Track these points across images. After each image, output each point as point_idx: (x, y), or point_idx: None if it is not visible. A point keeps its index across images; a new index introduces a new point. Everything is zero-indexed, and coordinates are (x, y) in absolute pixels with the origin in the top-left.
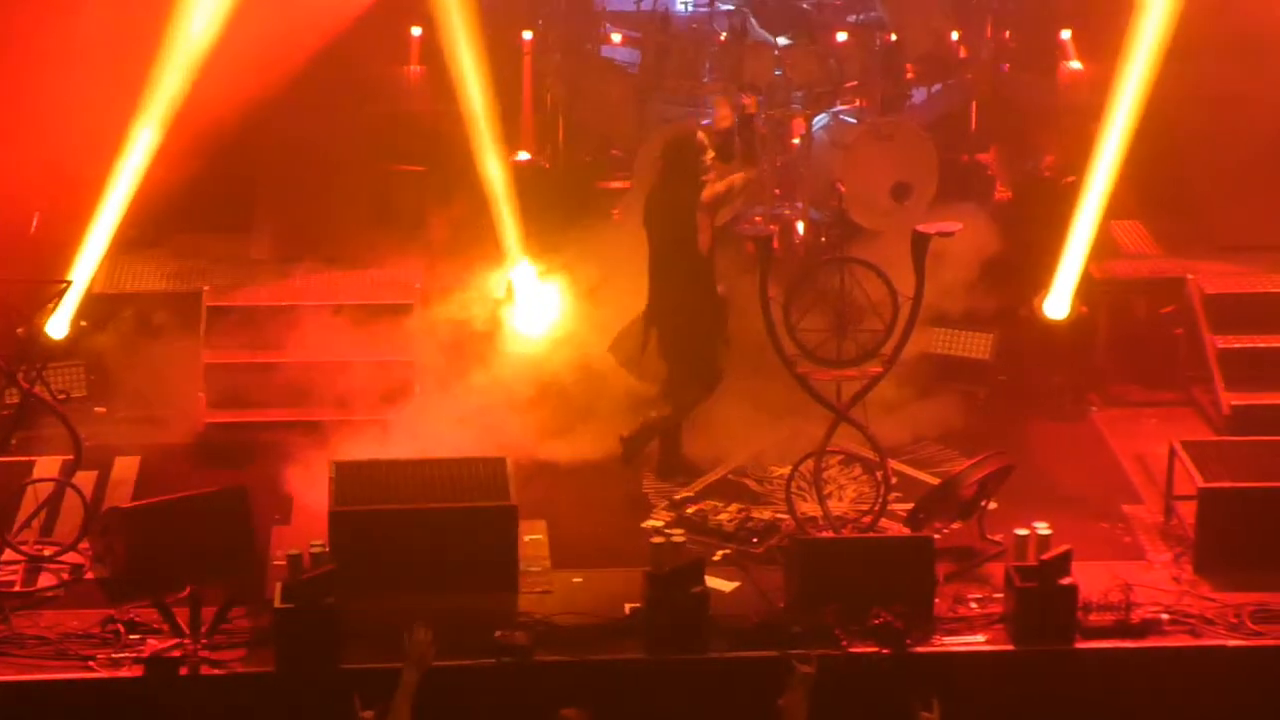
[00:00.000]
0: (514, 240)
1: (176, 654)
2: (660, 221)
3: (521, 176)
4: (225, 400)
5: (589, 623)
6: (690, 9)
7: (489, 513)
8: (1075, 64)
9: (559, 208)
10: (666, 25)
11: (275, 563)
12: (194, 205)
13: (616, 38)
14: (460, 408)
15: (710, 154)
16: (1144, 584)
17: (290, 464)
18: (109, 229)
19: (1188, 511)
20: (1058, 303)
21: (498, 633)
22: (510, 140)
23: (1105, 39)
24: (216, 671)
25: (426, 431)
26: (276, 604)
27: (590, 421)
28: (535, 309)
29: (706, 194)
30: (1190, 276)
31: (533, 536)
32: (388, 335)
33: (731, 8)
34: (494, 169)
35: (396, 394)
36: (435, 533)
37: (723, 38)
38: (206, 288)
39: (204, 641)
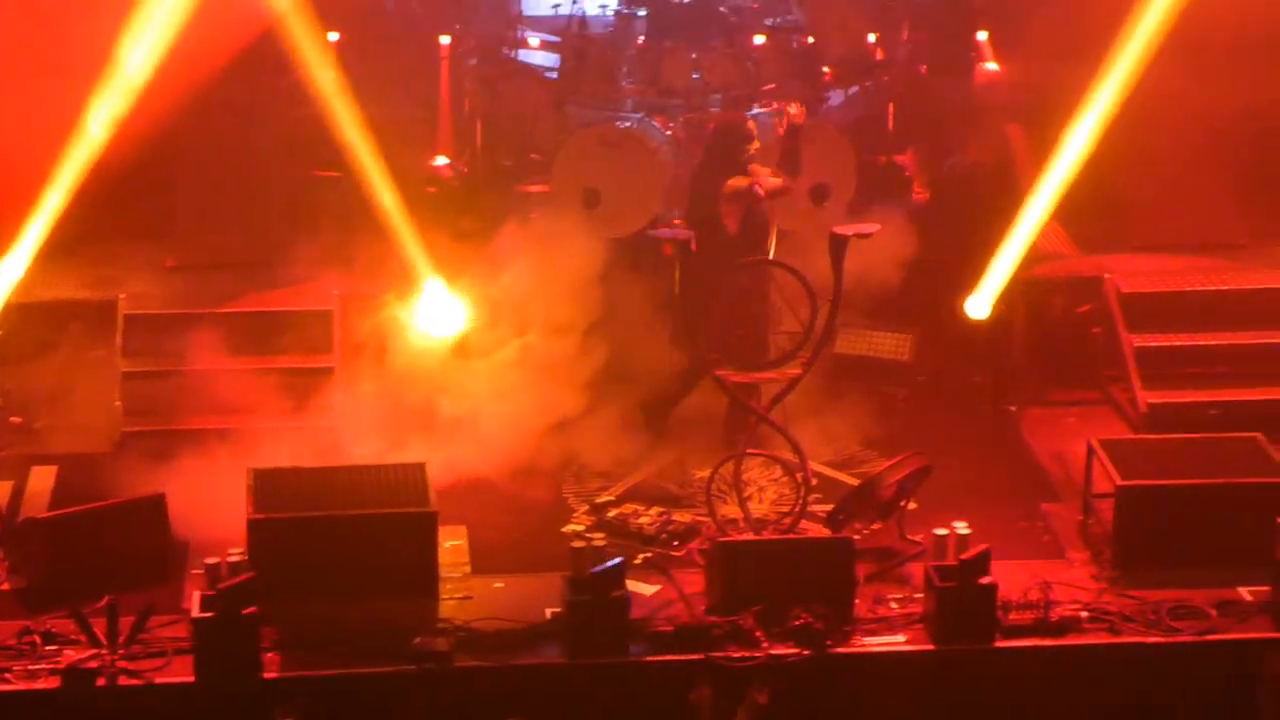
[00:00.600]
0: (417, 254)
1: (94, 665)
2: (695, 201)
3: (437, 183)
4: (142, 409)
5: (510, 628)
6: (608, 11)
7: (409, 518)
8: (991, 65)
9: (475, 213)
10: (584, 30)
11: (194, 571)
12: (109, 212)
13: (534, 42)
14: (378, 415)
15: (755, 145)
16: (1063, 582)
17: (208, 472)
18: (29, 240)
19: (1106, 509)
20: (979, 303)
21: (418, 639)
22: (428, 144)
23: (1021, 40)
24: (134, 682)
25: (345, 438)
26: (195, 613)
27: (510, 428)
28: (443, 319)
29: (728, 185)
30: (1107, 276)
31: (453, 542)
32: (306, 342)
33: (645, 13)
34: (382, 184)
35: (316, 401)
36: (355, 539)
37: (640, 41)
38: (122, 296)
39: (122, 652)
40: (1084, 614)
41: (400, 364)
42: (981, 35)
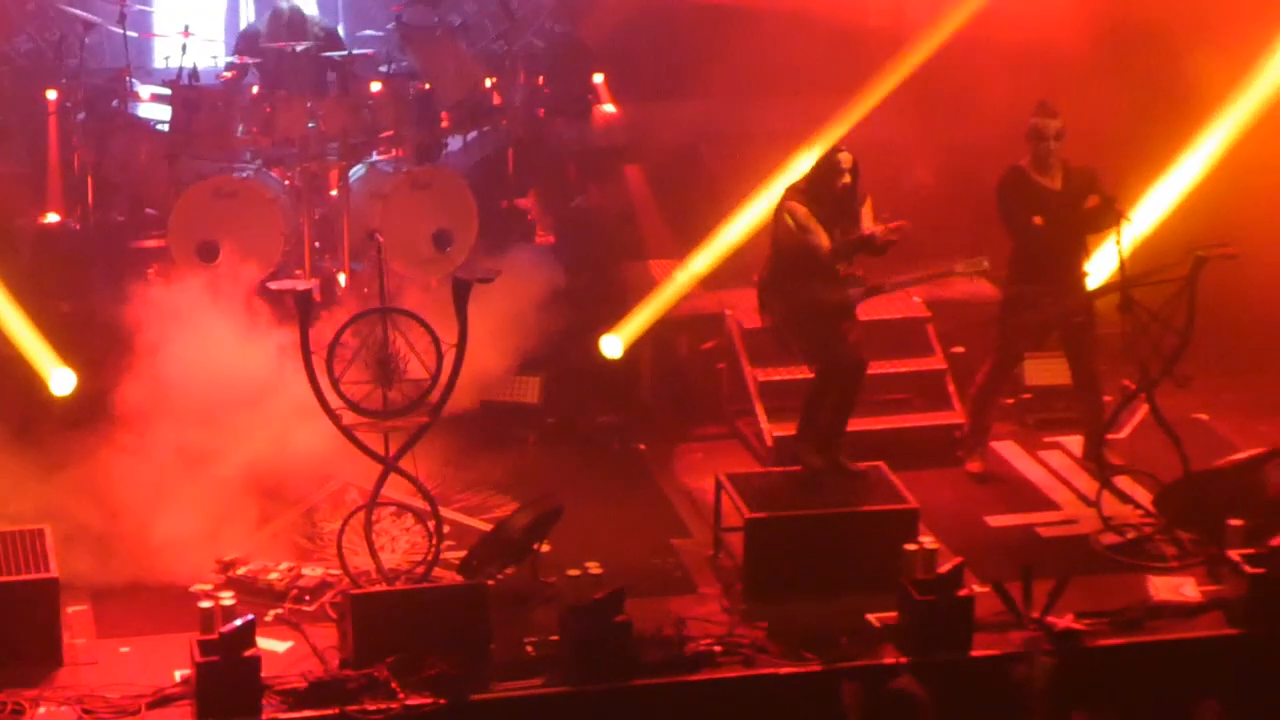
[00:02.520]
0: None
1: None
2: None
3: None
4: None
5: (137, 693)
6: (220, 63)
7: (29, 586)
8: (609, 107)
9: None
10: (195, 81)
11: None
12: None
13: (145, 95)
14: None
15: (846, 179)
16: (696, 617)
17: None
18: None
19: (736, 542)
20: (613, 343)
21: (43, 709)
22: (37, 202)
23: (637, 82)
24: None
25: None
26: None
27: (134, 487)
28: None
29: (782, 201)
30: (729, 312)
31: (76, 607)
32: None
33: (257, 60)
34: None
35: None
36: None
37: (254, 92)
38: None
39: None
40: (718, 648)
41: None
42: (598, 78)
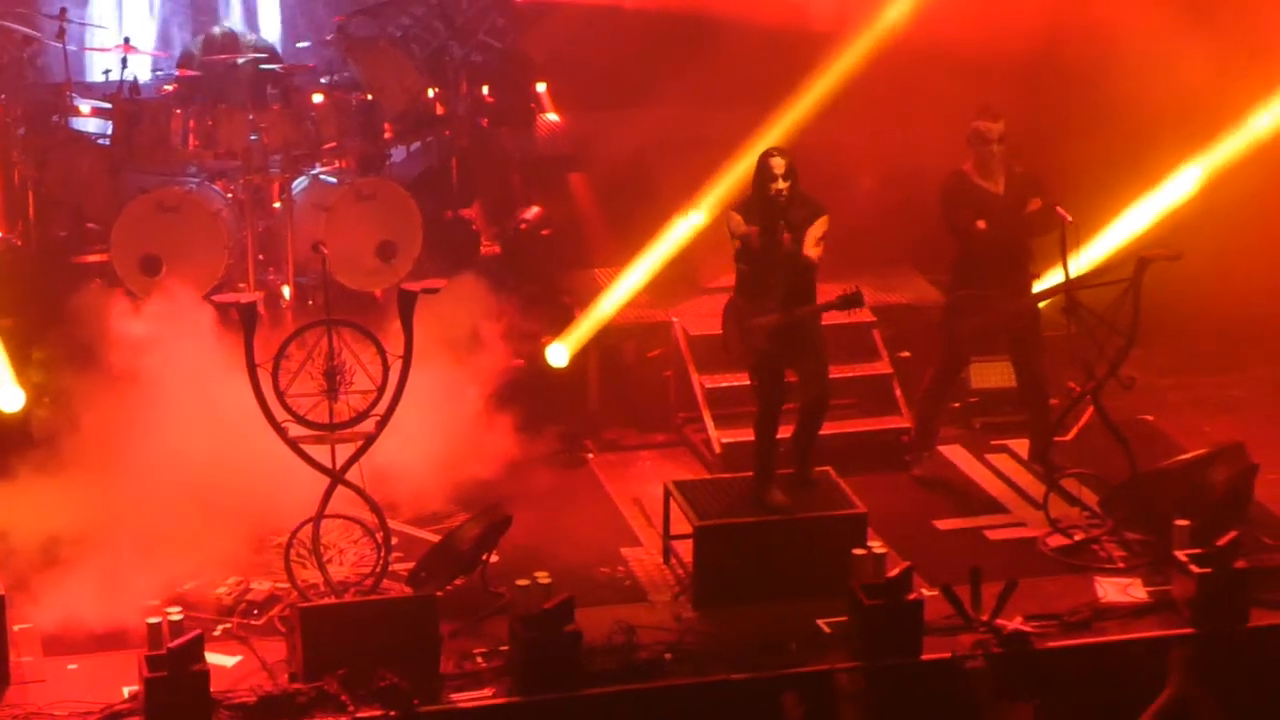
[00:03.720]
0: None
1: None
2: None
3: None
4: None
5: (86, 710)
6: (161, 76)
7: None
8: (552, 116)
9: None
10: (135, 95)
11: None
12: None
13: (85, 109)
14: None
15: (777, 185)
16: (647, 625)
17: None
18: None
19: (686, 550)
20: (558, 352)
21: None
22: None
23: (580, 90)
24: None
25: None
26: None
27: (80, 501)
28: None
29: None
30: (675, 319)
31: (22, 625)
32: None
33: (199, 73)
34: None
35: None
36: None
37: (196, 104)
38: None
39: None
40: (668, 655)
41: None
42: (541, 87)
